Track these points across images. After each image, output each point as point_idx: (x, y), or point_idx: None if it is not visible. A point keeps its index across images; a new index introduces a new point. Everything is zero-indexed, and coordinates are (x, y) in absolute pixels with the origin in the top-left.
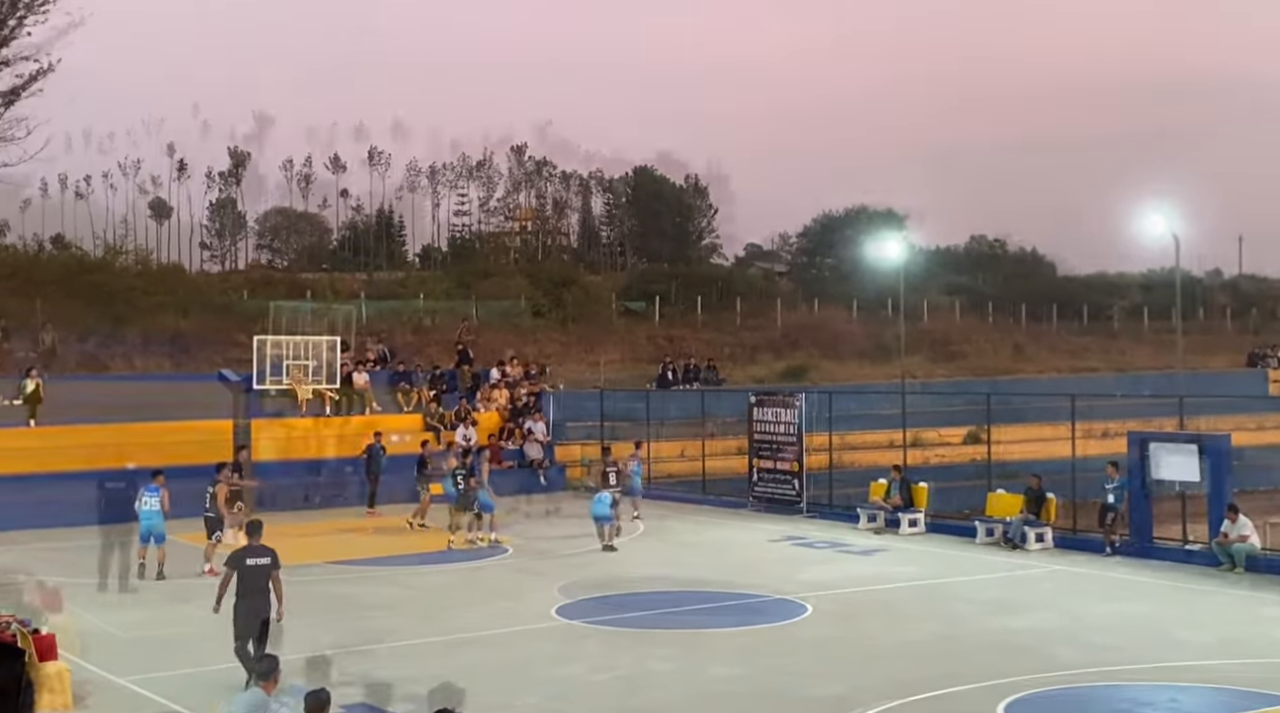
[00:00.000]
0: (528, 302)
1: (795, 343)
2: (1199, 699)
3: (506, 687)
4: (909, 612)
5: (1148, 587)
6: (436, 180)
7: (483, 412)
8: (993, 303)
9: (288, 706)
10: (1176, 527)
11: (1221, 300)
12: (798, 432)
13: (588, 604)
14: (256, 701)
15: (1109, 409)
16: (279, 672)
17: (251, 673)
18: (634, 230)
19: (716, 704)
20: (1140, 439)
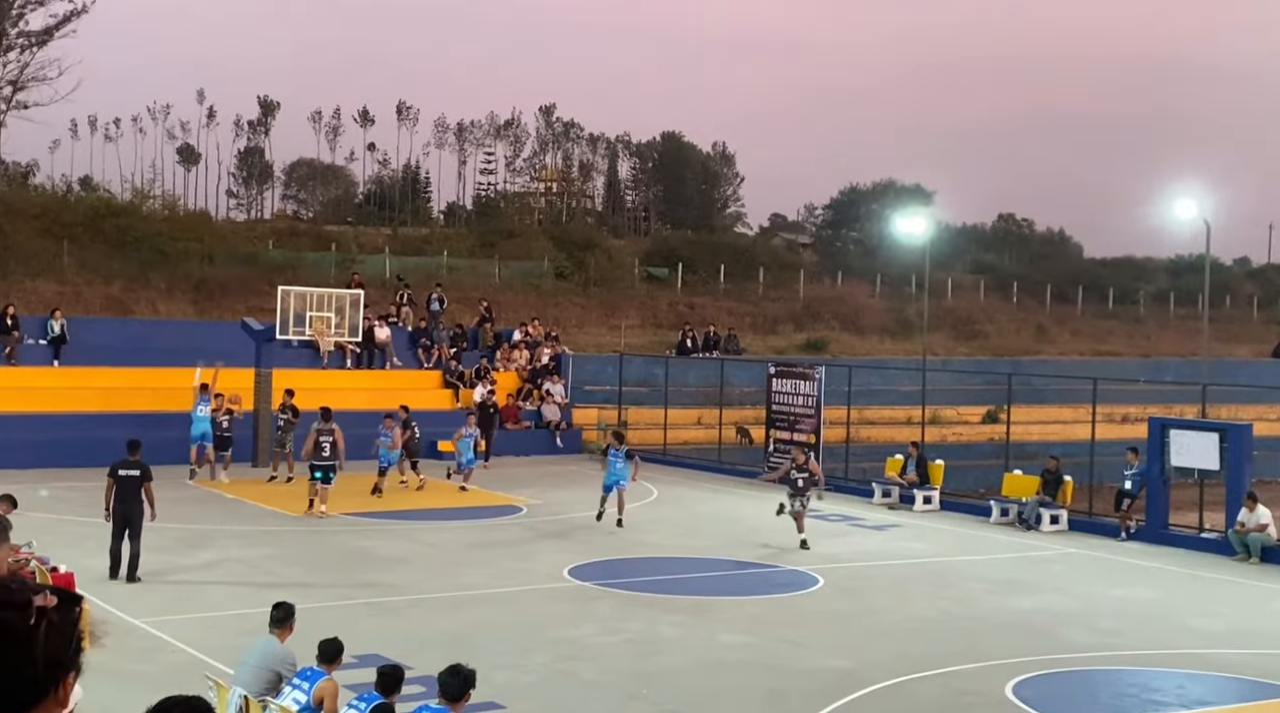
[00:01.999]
0: (550, 263)
1: (816, 315)
2: (1207, 687)
3: (517, 645)
4: (919, 588)
5: (1161, 573)
6: (464, 138)
7: (502, 371)
8: (1017, 283)
9: (300, 688)
10: (1193, 514)
11: (1249, 289)
12: (816, 404)
13: (599, 567)
14: (270, 649)
15: (1130, 394)
16: (293, 620)
17: (118, 564)
18: (659, 196)
19: (724, 672)
20: (1161, 425)
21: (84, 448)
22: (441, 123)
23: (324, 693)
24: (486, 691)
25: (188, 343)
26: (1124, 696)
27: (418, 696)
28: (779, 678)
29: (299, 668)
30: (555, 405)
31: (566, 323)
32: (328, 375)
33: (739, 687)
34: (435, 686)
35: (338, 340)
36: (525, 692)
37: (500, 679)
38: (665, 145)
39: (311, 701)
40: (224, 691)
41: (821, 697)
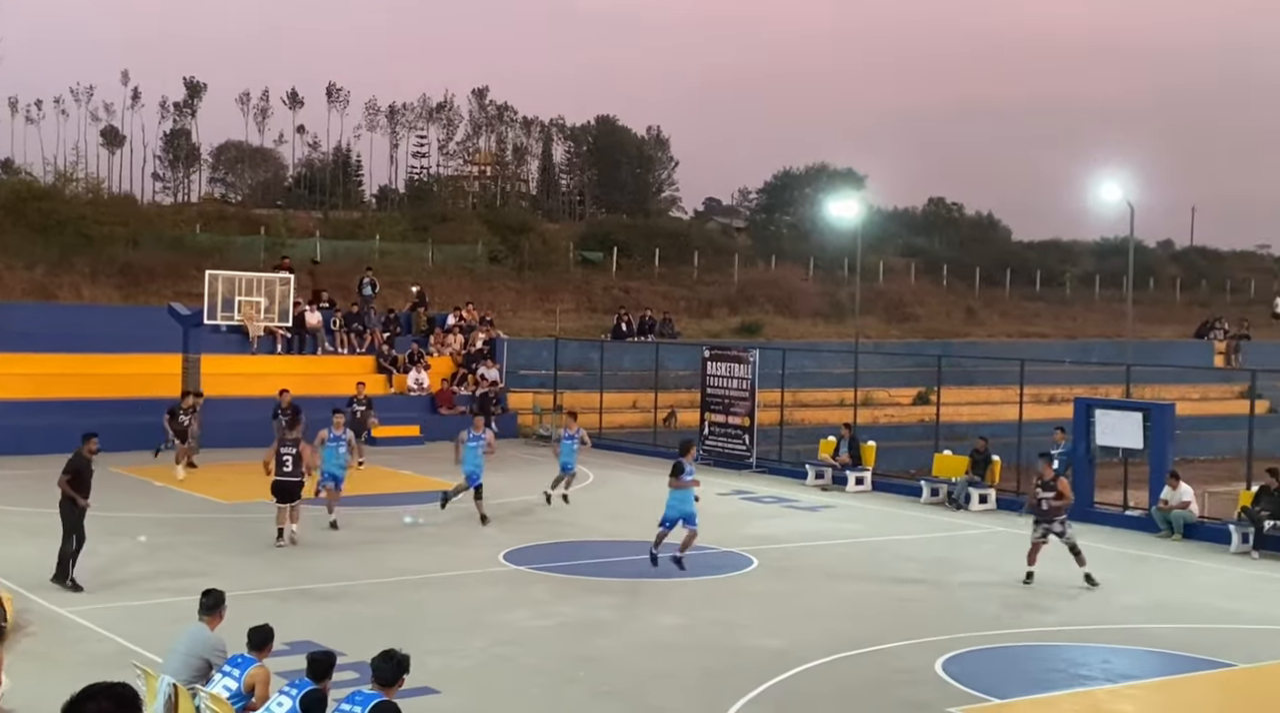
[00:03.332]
0: (485, 247)
1: (751, 299)
2: (1132, 661)
3: (452, 630)
4: (852, 568)
5: (1087, 550)
6: (396, 121)
7: (436, 356)
8: (947, 266)
9: (230, 675)
10: (1118, 492)
11: (1172, 272)
12: (750, 387)
13: (535, 551)
14: (200, 636)
15: (1057, 375)
16: (223, 607)
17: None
18: (593, 180)
19: (660, 653)
20: (1086, 405)
21: (9, 436)
22: (373, 105)
23: (255, 680)
24: (421, 676)
25: (114, 328)
26: (1052, 671)
27: (351, 682)
28: (714, 658)
29: (229, 655)
30: (490, 390)
31: (501, 307)
32: (258, 361)
33: (675, 668)
34: (368, 671)
35: (267, 325)
36: (461, 677)
37: (435, 664)
38: (600, 129)
39: (242, 687)
40: (152, 679)
41: (756, 676)
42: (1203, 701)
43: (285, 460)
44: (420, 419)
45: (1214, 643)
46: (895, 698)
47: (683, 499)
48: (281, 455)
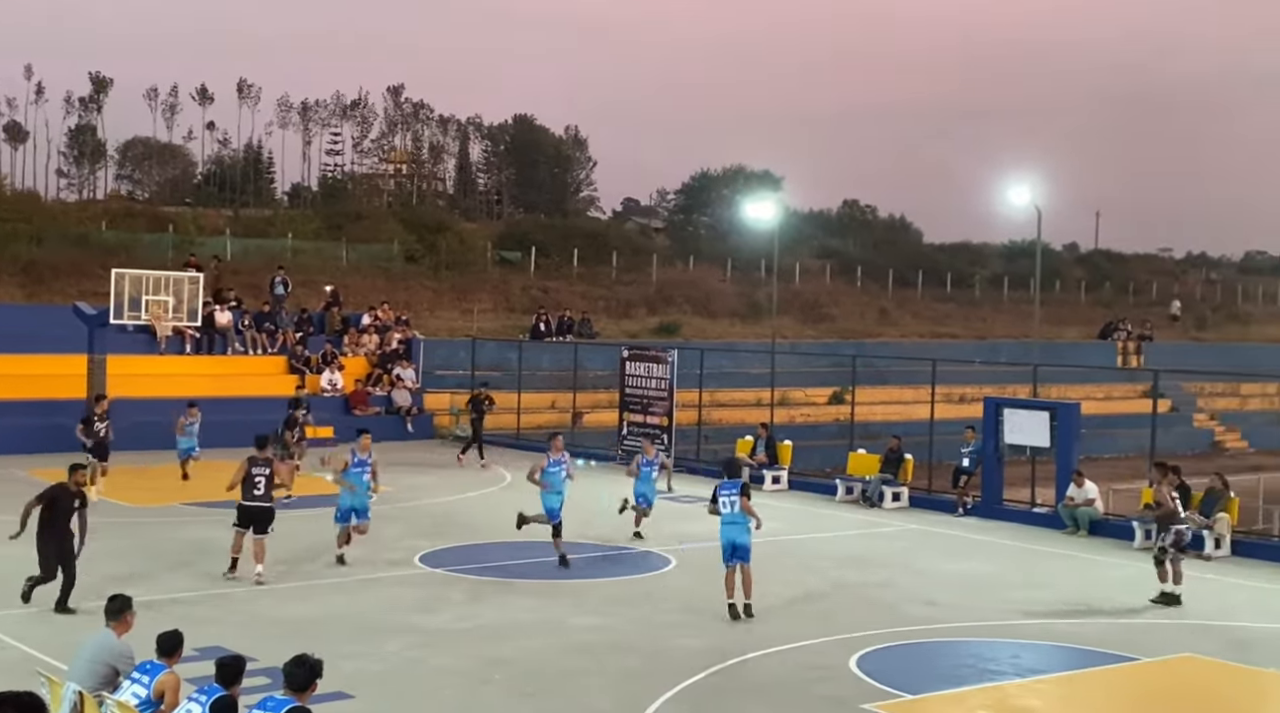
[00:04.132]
0: (400, 247)
1: (669, 299)
2: (1040, 656)
3: (367, 634)
4: (770, 566)
5: (996, 547)
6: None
7: (350, 356)
8: (861, 267)
9: (139, 682)
10: (1026, 490)
11: (1078, 274)
12: (669, 387)
13: (452, 553)
14: (106, 643)
15: (967, 375)
16: (131, 613)
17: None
18: (511, 180)
19: (578, 654)
20: (995, 404)
21: None
22: (285, 102)
23: (164, 687)
24: (335, 680)
25: (17, 328)
26: (962, 666)
27: (263, 687)
28: (633, 658)
29: (138, 662)
30: (406, 391)
31: (417, 307)
32: (166, 361)
33: (592, 668)
34: (280, 677)
35: (176, 325)
36: (375, 681)
37: (349, 669)
38: (517, 128)
39: (152, 695)
40: (56, 687)
41: (674, 675)
42: (1108, 694)
43: (257, 482)
44: (334, 420)
45: (1119, 637)
46: (812, 695)
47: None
48: (253, 476)
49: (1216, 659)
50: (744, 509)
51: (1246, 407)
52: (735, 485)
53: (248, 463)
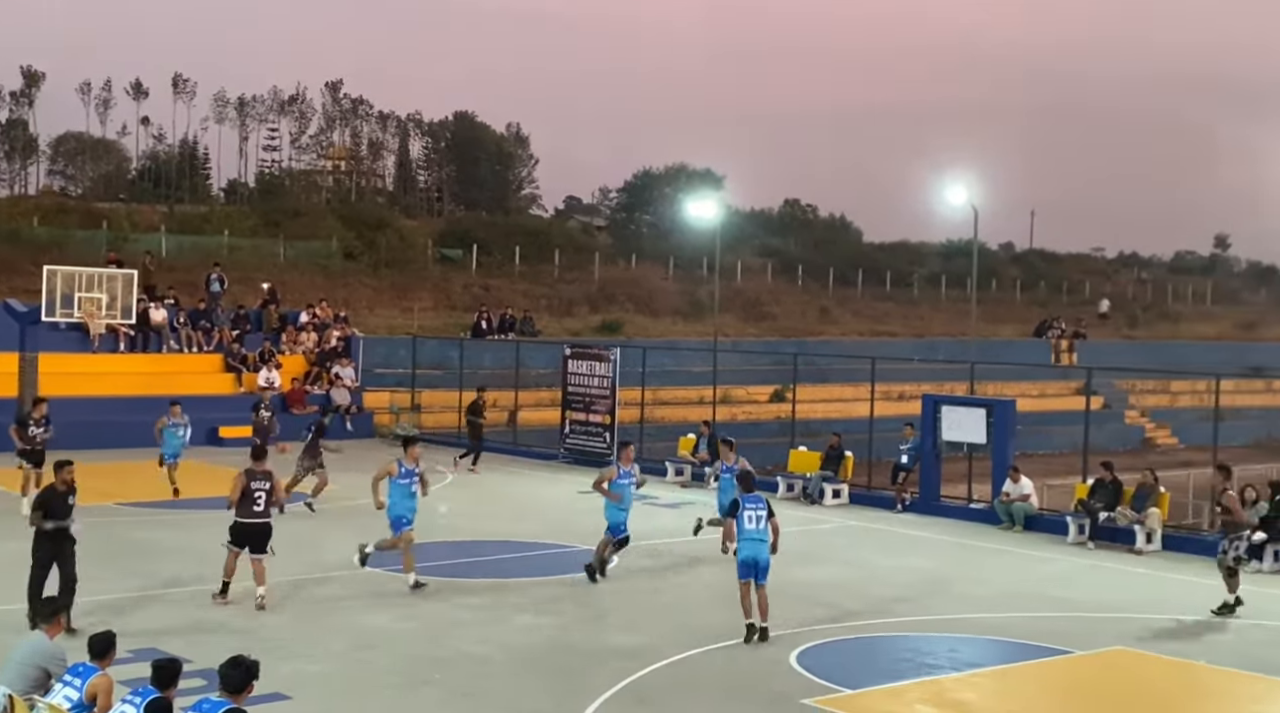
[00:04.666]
0: (339, 244)
1: (611, 298)
2: (977, 650)
3: (305, 635)
4: (711, 564)
5: (934, 543)
6: (245, 113)
7: (288, 354)
8: (802, 266)
9: (71, 685)
10: (963, 486)
11: (1013, 273)
12: (611, 386)
13: (393, 553)
14: (38, 645)
15: (906, 372)
16: (64, 615)
17: None
18: (452, 176)
19: (518, 654)
20: (933, 402)
21: None
22: (221, 97)
23: (97, 689)
24: (272, 681)
25: None
26: (900, 660)
27: (198, 689)
28: (575, 656)
29: (70, 664)
30: (345, 389)
31: (357, 305)
32: (99, 360)
33: (533, 668)
34: (216, 678)
35: (109, 323)
36: (313, 682)
37: (286, 670)
38: (458, 125)
39: (84, 697)
40: None
41: (617, 672)
42: (1042, 686)
43: (257, 498)
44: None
45: (1053, 631)
46: (753, 691)
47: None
48: (253, 491)
49: (1148, 652)
50: (773, 529)
51: (1176, 404)
52: (761, 502)
53: (245, 476)
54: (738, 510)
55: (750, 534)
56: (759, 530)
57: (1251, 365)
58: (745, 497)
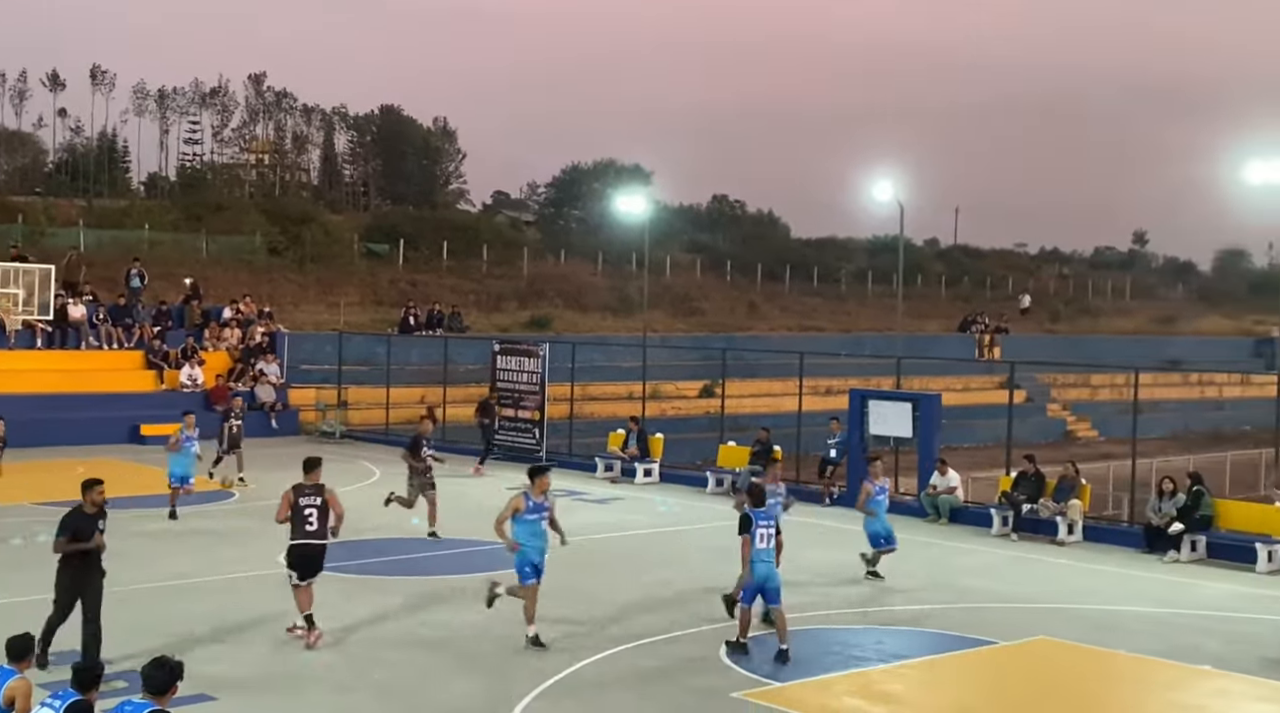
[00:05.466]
0: (263, 239)
1: (540, 293)
2: (903, 641)
3: (232, 635)
4: (642, 559)
5: (861, 536)
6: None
7: (211, 351)
8: (731, 262)
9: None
10: (889, 479)
11: (938, 268)
12: (540, 381)
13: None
14: None
15: (833, 367)
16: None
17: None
18: (378, 171)
19: (449, 652)
20: (860, 396)
21: None
22: (141, 89)
23: (15, 693)
24: (198, 683)
25: None
26: (828, 653)
27: (121, 691)
28: (506, 653)
29: None
30: (270, 386)
31: (282, 300)
32: (15, 356)
33: (466, 664)
34: (139, 680)
35: (26, 319)
36: (239, 683)
37: (212, 671)
38: (384, 119)
39: (2, 701)
40: None
41: (547, 668)
42: (968, 677)
43: (308, 515)
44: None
45: (978, 622)
46: (683, 686)
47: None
48: (302, 508)
49: (1069, 641)
50: (778, 548)
51: (1096, 397)
52: (770, 517)
53: (294, 492)
54: (750, 527)
55: (760, 554)
56: (769, 550)
57: (1169, 359)
58: (757, 513)
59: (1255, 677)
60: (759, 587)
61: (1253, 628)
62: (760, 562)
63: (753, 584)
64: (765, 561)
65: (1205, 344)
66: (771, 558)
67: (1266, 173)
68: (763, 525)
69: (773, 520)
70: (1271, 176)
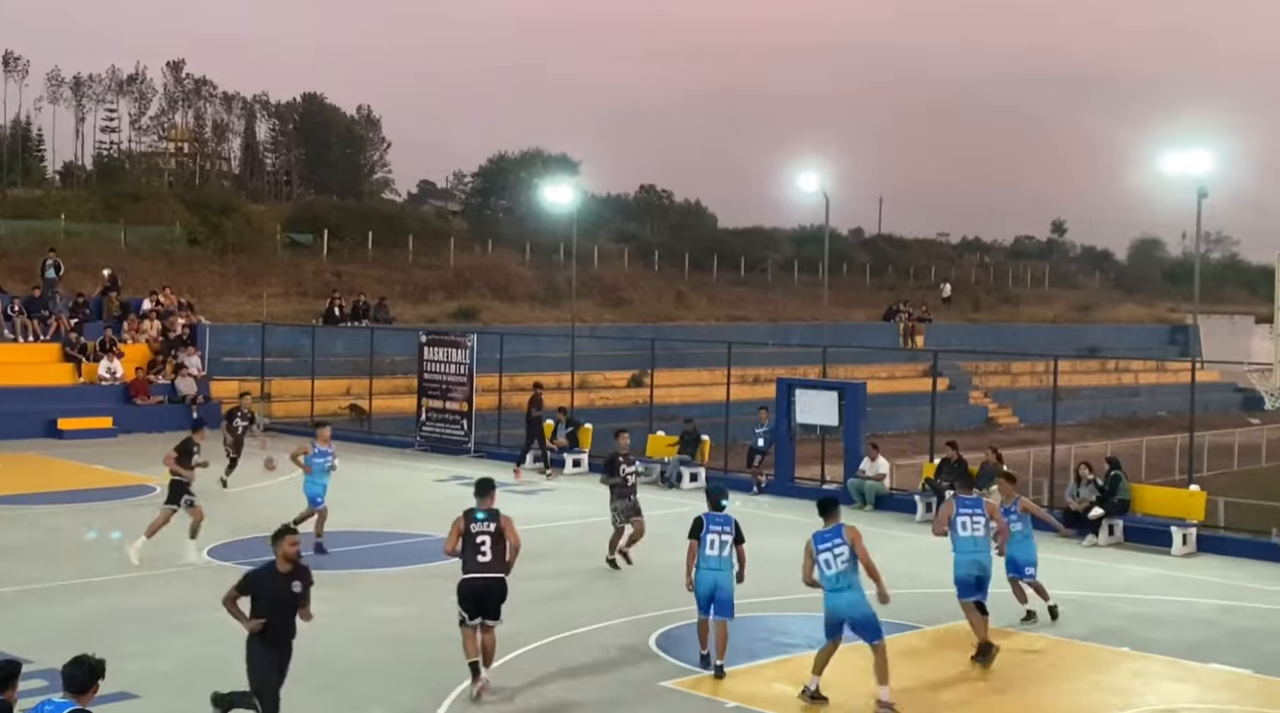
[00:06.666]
0: (183, 229)
1: (468, 283)
2: None
3: (152, 632)
4: (572, 549)
5: (790, 524)
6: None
7: (130, 343)
8: (658, 252)
9: None
10: (816, 467)
11: (863, 258)
12: (468, 372)
13: (243, 546)
14: None
15: (761, 357)
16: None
17: None
18: (301, 160)
19: (378, 645)
20: (787, 385)
21: None
22: (55, 76)
23: None
24: (119, 680)
25: None
26: (757, 640)
27: (39, 690)
28: (435, 647)
29: None
30: (191, 378)
31: (202, 292)
32: None
33: (393, 659)
34: (59, 679)
35: None
36: (162, 679)
37: (134, 668)
38: (306, 107)
39: None
40: None
41: None
42: (894, 661)
43: (480, 543)
44: (113, 410)
45: (901, 607)
46: (614, 675)
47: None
48: (474, 536)
49: (992, 626)
50: (739, 558)
51: (1017, 384)
52: (728, 522)
53: (465, 519)
54: (701, 531)
55: (709, 562)
56: (720, 558)
57: (1087, 346)
58: (710, 516)
59: (1171, 658)
60: (708, 597)
61: (1169, 609)
62: (708, 569)
63: (700, 594)
64: (715, 569)
65: (1122, 331)
66: (724, 566)
67: (1180, 164)
68: (715, 530)
69: (730, 526)
70: (1185, 168)
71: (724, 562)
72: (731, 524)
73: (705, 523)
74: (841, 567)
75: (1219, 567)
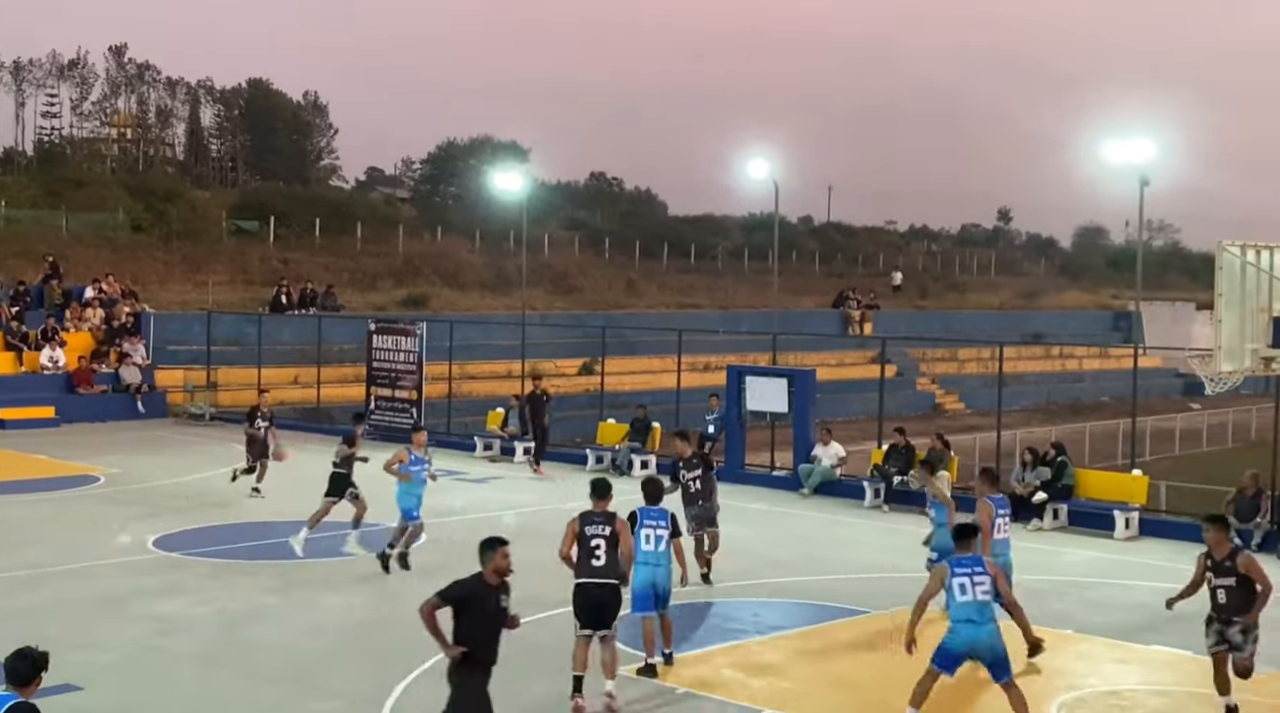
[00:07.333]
0: (126, 215)
1: (417, 271)
2: (779, 613)
3: (96, 623)
4: (523, 537)
5: (739, 510)
6: (21, 77)
7: (73, 332)
8: (609, 239)
9: None
10: (766, 454)
11: (812, 246)
12: (418, 360)
13: (189, 536)
14: None
15: (711, 344)
16: None
17: None
18: (246, 146)
19: (328, 635)
20: (738, 372)
21: None
22: None
23: None
24: (62, 672)
25: None
26: (705, 626)
27: None
28: (382, 636)
29: None
30: (135, 367)
31: (147, 279)
32: None
33: (342, 649)
34: (2, 673)
35: None
36: (106, 671)
37: (77, 659)
38: (252, 93)
39: None
40: None
41: (424, 651)
42: (842, 646)
43: (594, 548)
44: (55, 400)
45: (852, 592)
46: (563, 665)
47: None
48: (589, 539)
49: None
50: (676, 552)
51: (964, 371)
52: (663, 516)
53: (580, 521)
54: (635, 526)
55: (646, 556)
56: (657, 553)
57: (1032, 333)
58: (643, 510)
59: (1114, 639)
60: (645, 594)
61: (1112, 592)
62: (645, 565)
63: (637, 591)
64: (652, 564)
65: (1067, 318)
66: (662, 561)
67: (1124, 153)
68: (650, 525)
69: (666, 520)
70: (1129, 156)
71: (661, 556)
72: (668, 518)
73: (640, 517)
74: (983, 598)
75: (1161, 550)
